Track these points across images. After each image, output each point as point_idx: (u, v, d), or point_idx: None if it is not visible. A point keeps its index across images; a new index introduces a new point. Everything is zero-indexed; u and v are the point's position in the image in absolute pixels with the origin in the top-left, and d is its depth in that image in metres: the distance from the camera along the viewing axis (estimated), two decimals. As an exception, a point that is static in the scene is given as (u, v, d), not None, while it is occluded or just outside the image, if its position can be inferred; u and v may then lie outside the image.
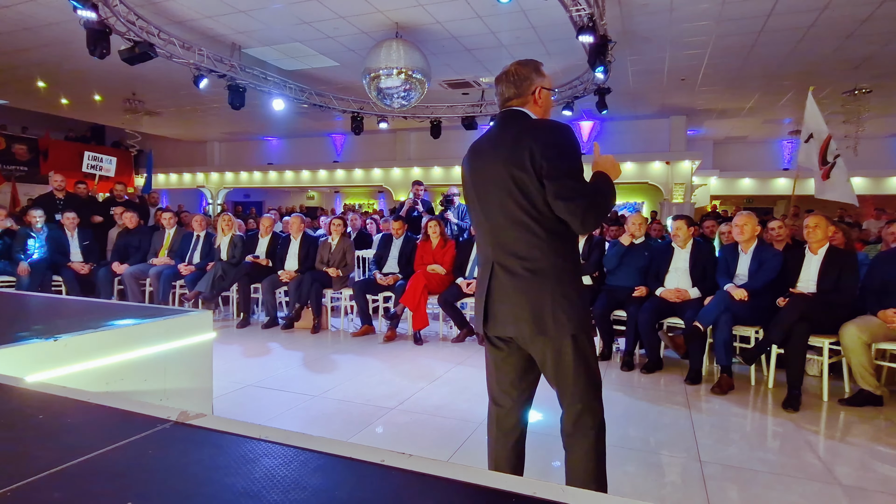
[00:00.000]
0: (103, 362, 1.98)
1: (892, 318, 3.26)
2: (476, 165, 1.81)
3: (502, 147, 1.72)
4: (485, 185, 1.76)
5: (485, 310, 1.76)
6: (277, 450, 0.97)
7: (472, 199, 1.84)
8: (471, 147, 1.88)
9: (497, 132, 1.80)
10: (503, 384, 1.84)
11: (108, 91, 10.30)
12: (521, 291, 1.69)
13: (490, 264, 1.76)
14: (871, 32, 6.50)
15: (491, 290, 1.74)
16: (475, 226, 1.89)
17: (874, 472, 2.52)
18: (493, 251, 1.75)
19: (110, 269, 5.81)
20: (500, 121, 1.82)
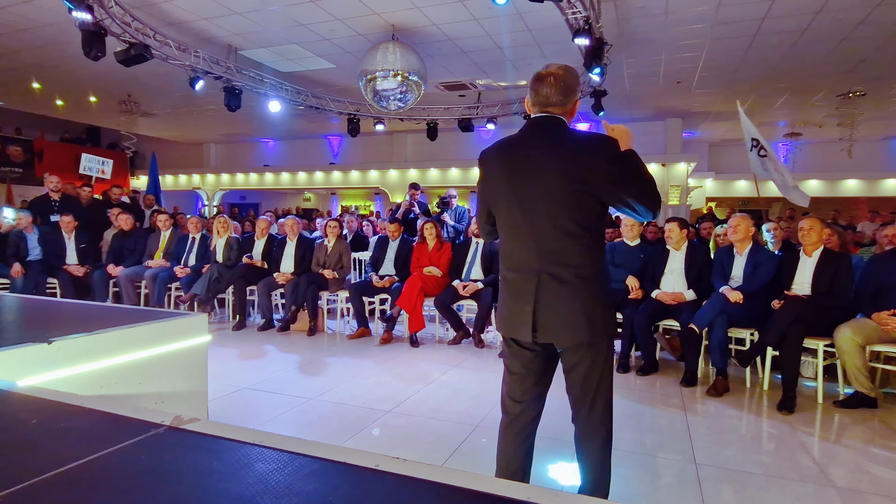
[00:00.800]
0: (98, 366, 1.97)
1: (887, 321, 3.28)
2: (519, 172, 1.76)
3: (557, 159, 1.71)
4: (532, 195, 1.73)
5: (533, 318, 1.73)
6: (271, 455, 0.97)
7: (508, 205, 1.79)
8: (503, 149, 1.83)
9: (540, 139, 1.77)
10: (526, 387, 1.85)
11: (104, 93, 10.28)
12: (573, 298, 1.71)
13: (534, 273, 1.74)
14: (864, 36, 6.55)
15: (539, 298, 1.73)
16: (510, 231, 1.81)
17: (868, 474, 2.53)
18: (538, 260, 1.74)
19: (105, 272, 5.79)
20: (542, 127, 1.79)
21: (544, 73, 1.79)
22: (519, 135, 1.84)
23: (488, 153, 1.87)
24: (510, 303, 1.81)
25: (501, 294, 1.87)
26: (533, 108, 1.82)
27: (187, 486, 0.85)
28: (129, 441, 0.99)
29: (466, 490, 0.87)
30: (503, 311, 1.84)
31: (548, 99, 1.77)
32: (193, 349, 2.40)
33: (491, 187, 1.85)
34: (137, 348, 2.11)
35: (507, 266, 1.84)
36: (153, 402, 2.12)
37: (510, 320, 1.80)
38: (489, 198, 1.86)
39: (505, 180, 1.79)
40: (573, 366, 1.79)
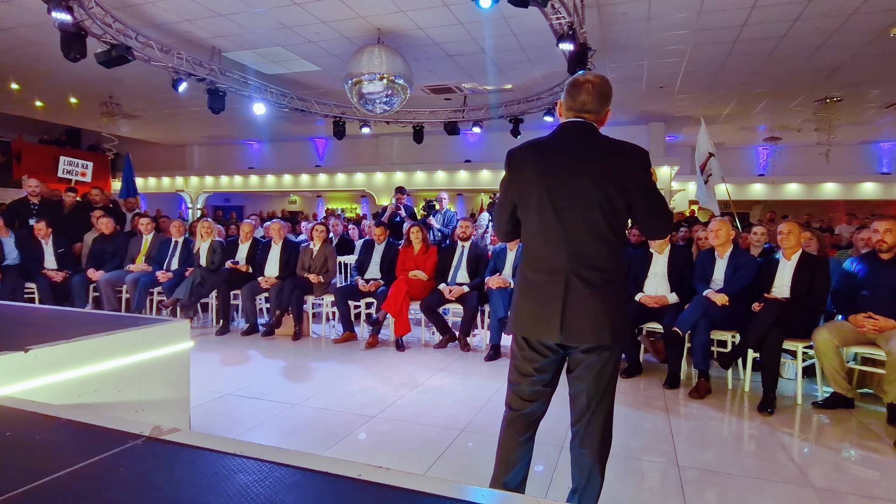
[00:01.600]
0: (76, 374, 1.94)
1: (863, 323, 3.35)
2: (556, 174, 1.78)
3: (595, 164, 1.76)
4: (569, 197, 1.76)
5: (561, 319, 1.74)
6: (252, 465, 0.96)
7: (541, 206, 1.79)
8: (537, 150, 1.84)
9: (577, 144, 1.80)
10: (536, 388, 1.87)
11: (84, 94, 10.11)
12: (600, 301, 1.74)
13: (563, 274, 1.76)
14: (840, 43, 6.71)
15: (567, 300, 1.75)
16: (540, 232, 1.81)
17: (846, 474, 2.58)
18: (568, 262, 1.76)
19: (85, 277, 5.69)
20: (576, 132, 1.82)
21: (582, 80, 1.82)
22: (552, 138, 1.85)
23: (520, 153, 1.86)
24: (534, 304, 1.80)
25: (522, 295, 1.85)
26: (567, 112, 1.85)
27: (164, 500, 0.84)
28: (106, 453, 0.98)
29: (448, 499, 0.87)
30: (524, 313, 1.83)
31: (584, 105, 1.81)
32: (175, 356, 2.37)
33: (522, 187, 1.83)
34: (117, 356, 2.07)
35: (532, 267, 1.83)
36: (133, 411, 2.08)
37: (534, 321, 1.80)
38: (518, 198, 1.85)
39: (540, 181, 1.79)
40: (587, 368, 1.81)
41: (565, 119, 1.86)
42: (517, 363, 1.89)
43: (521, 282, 1.88)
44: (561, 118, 1.89)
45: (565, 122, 1.85)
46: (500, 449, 1.92)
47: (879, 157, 13.58)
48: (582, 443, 1.87)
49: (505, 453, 1.90)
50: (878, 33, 6.35)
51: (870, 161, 13.63)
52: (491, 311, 4.66)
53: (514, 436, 1.90)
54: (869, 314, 3.34)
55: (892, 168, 13.43)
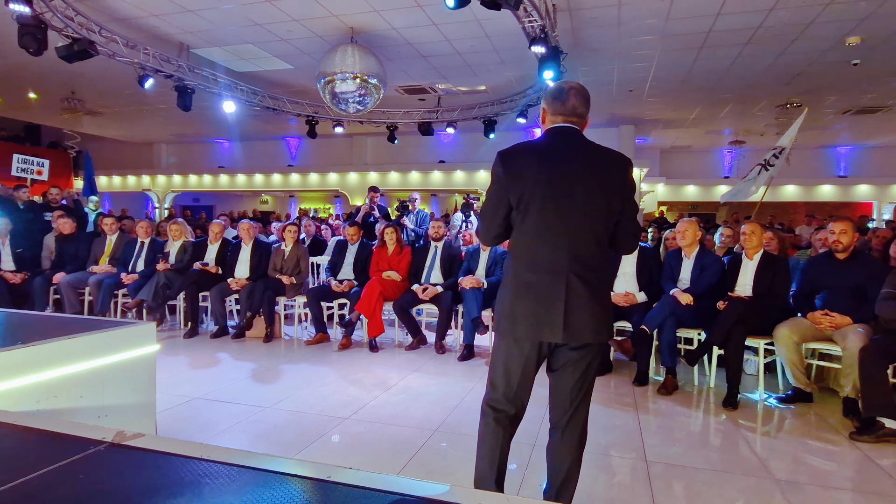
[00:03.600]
0: (34, 379, 1.87)
1: (820, 320, 3.49)
2: (561, 176, 1.79)
3: (595, 167, 1.81)
4: (571, 199, 1.78)
5: (564, 318, 1.77)
6: (219, 469, 0.94)
7: (543, 206, 1.79)
8: (536, 152, 1.85)
9: (573, 147, 1.84)
10: (524, 387, 1.91)
11: (45, 89, 9.75)
12: (596, 300, 1.80)
13: (564, 274, 1.78)
14: (799, 51, 6.97)
15: (569, 299, 1.77)
16: (540, 232, 1.80)
17: (806, 466, 2.68)
18: (569, 262, 1.78)
19: (45, 279, 5.48)
20: (568, 136, 1.85)
21: (567, 87, 1.88)
22: (547, 141, 1.87)
23: (517, 155, 1.84)
24: (534, 305, 1.79)
25: (518, 297, 1.83)
26: (555, 117, 1.88)
27: (127, 506, 0.82)
28: (66, 460, 0.95)
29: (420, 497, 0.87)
30: (522, 314, 1.81)
31: (575, 110, 1.86)
32: (140, 359, 2.31)
33: (522, 188, 1.80)
34: (78, 360, 2.01)
35: (529, 267, 1.82)
36: (96, 417, 2.02)
37: (535, 322, 1.79)
38: (517, 199, 1.81)
39: (543, 182, 1.79)
40: (574, 364, 1.86)
41: (553, 125, 1.88)
42: (510, 364, 1.88)
43: (515, 283, 1.85)
44: (545, 125, 1.92)
45: (556, 127, 1.87)
46: (491, 451, 1.91)
47: (837, 161, 14.16)
48: (563, 437, 1.91)
49: (500, 454, 1.91)
50: (834, 42, 6.63)
51: (828, 164, 14.19)
52: (465, 312, 4.68)
53: (508, 436, 1.93)
54: (826, 312, 3.48)
55: (848, 171, 14.01)
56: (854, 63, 7.34)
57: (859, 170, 13.93)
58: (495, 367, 1.93)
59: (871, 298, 3.35)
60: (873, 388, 2.98)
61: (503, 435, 1.91)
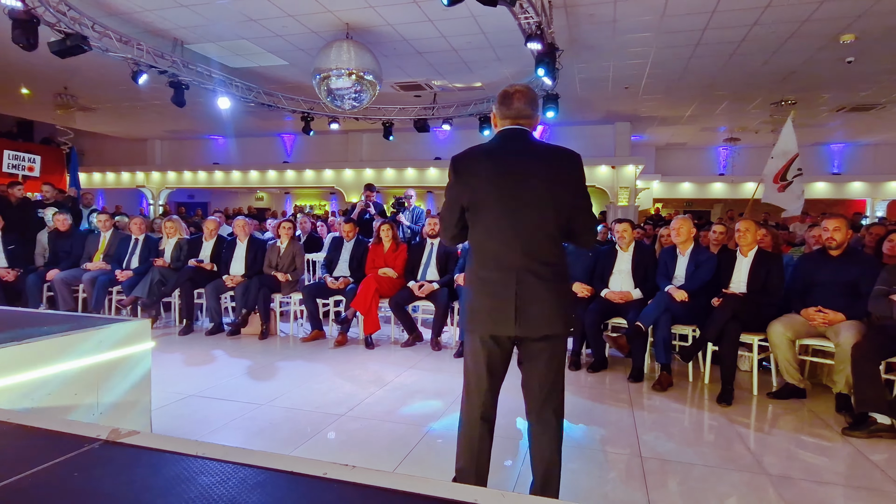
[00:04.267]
0: (28, 377, 1.86)
1: (813, 316, 3.51)
2: (507, 176, 1.88)
3: (542, 166, 1.90)
4: (520, 198, 1.87)
5: (515, 312, 1.85)
6: (215, 467, 0.94)
7: (493, 207, 1.89)
8: (485, 154, 1.94)
9: (521, 148, 1.93)
10: (495, 380, 1.98)
11: (37, 84, 9.66)
12: (551, 293, 1.88)
13: (516, 271, 1.86)
14: (794, 49, 6.99)
15: (520, 294, 1.85)
16: (492, 232, 1.90)
17: (798, 461, 2.70)
18: (521, 258, 1.86)
19: (39, 275, 5.44)
20: (516, 137, 1.95)
21: (512, 91, 1.97)
22: (496, 143, 1.97)
23: (468, 158, 1.95)
24: (490, 300, 1.89)
25: (476, 294, 1.93)
26: (503, 121, 1.98)
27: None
28: (60, 458, 0.95)
29: (415, 494, 0.87)
30: (482, 311, 1.91)
31: (520, 112, 1.95)
32: (135, 357, 2.30)
33: (474, 190, 1.91)
34: (73, 357, 2.00)
35: (485, 265, 1.91)
36: (90, 415, 2.02)
37: (491, 317, 1.88)
38: (469, 200, 1.92)
39: (492, 183, 1.89)
40: (538, 357, 1.92)
41: (503, 127, 1.98)
42: (479, 359, 1.95)
43: (474, 281, 1.95)
44: (496, 128, 2.02)
45: (505, 130, 1.97)
46: (475, 446, 1.97)
47: (831, 158, 14.22)
48: (539, 428, 1.96)
49: (484, 447, 1.98)
50: (829, 40, 6.65)
51: (822, 162, 14.24)
52: (460, 309, 4.68)
53: (484, 430, 1.98)
54: (819, 308, 3.50)
55: (842, 168, 14.08)
56: (848, 61, 7.36)
57: (853, 167, 13.99)
58: (466, 364, 2.02)
59: (864, 295, 3.38)
60: (866, 384, 3.01)
61: (488, 430, 1.99)
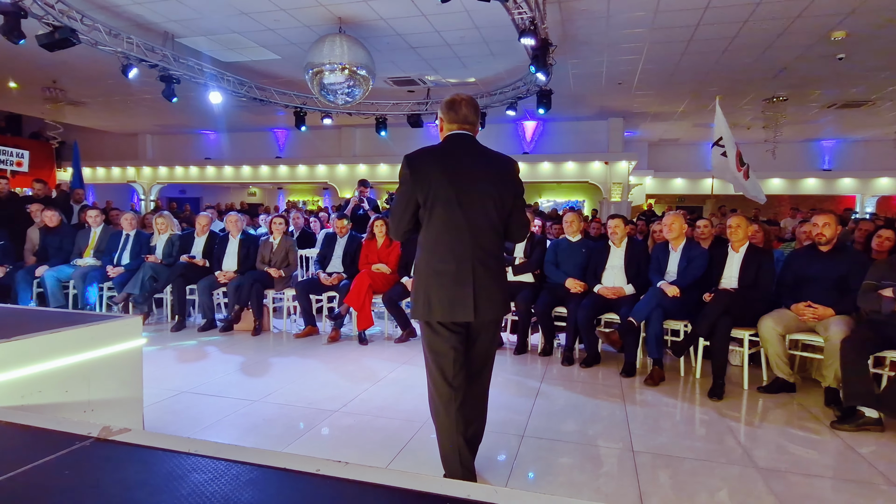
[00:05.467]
0: (18, 374, 1.84)
1: (803, 311, 3.54)
2: (460, 176, 2.09)
3: (488, 168, 2.14)
4: (470, 196, 2.09)
5: (474, 300, 2.08)
6: (207, 464, 0.94)
7: (448, 204, 2.07)
8: (439, 155, 2.13)
9: (469, 150, 2.15)
10: (458, 363, 2.14)
11: (25, 78, 9.54)
12: (496, 281, 2.15)
13: (469, 262, 2.09)
14: (786, 45, 7.03)
15: (476, 283, 2.09)
16: (447, 227, 2.08)
17: (788, 454, 2.73)
18: (472, 251, 2.09)
19: (28, 272, 5.39)
20: (464, 141, 2.16)
21: (458, 99, 2.18)
22: (447, 146, 2.16)
23: (423, 158, 2.11)
24: (448, 290, 2.08)
25: (433, 285, 2.10)
26: (451, 125, 2.17)
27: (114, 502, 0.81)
28: (51, 456, 0.94)
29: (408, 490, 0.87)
30: (437, 300, 2.09)
31: (466, 118, 2.16)
32: (126, 353, 2.28)
33: (429, 188, 2.07)
34: (63, 354, 1.99)
35: (442, 259, 2.09)
36: (81, 412, 2.00)
37: (449, 305, 2.08)
38: (425, 198, 2.08)
39: (448, 182, 2.07)
40: (482, 336, 2.22)
41: (450, 132, 2.18)
42: (439, 346, 2.14)
43: (427, 272, 2.12)
44: (443, 132, 2.21)
45: (453, 134, 2.17)
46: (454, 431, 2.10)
47: (821, 155, 14.33)
48: (475, 388, 2.24)
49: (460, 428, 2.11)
50: (820, 37, 6.69)
51: (812, 158, 14.36)
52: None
53: (458, 412, 2.11)
54: (809, 303, 3.54)
55: (832, 165, 14.20)
56: (839, 57, 7.42)
57: (843, 163, 14.12)
58: (427, 354, 2.18)
59: (853, 290, 3.41)
60: (854, 378, 3.04)
61: (459, 410, 2.12)
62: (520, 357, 4.48)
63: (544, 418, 3.11)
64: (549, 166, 12.58)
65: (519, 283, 4.71)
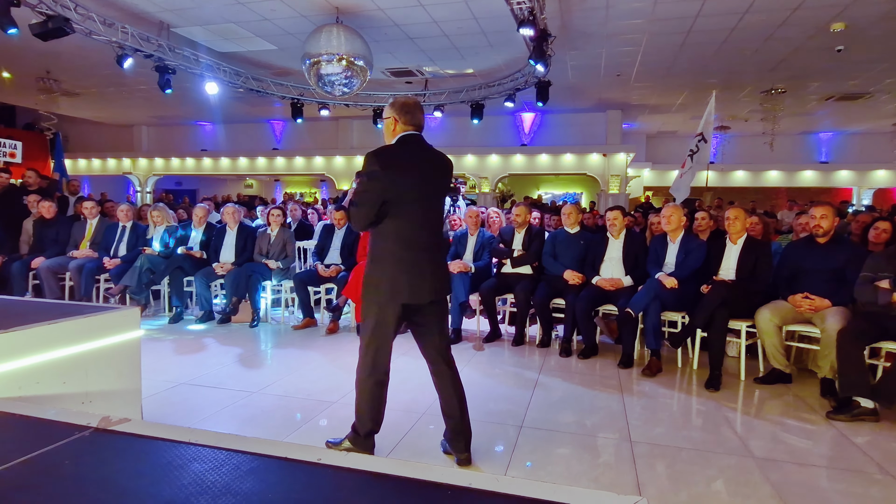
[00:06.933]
0: (16, 365, 1.84)
1: (800, 303, 3.56)
2: (424, 175, 2.31)
3: (439, 167, 2.39)
4: (429, 192, 2.34)
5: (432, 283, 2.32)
6: (208, 453, 0.94)
7: (413, 200, 2.27)
8: (406, 155, 2.30)
9: (427, 150, 2.38)
10: (392, 345, 2.39)
11: (19, 68, 9.45)
12: (445, 266, 2.48)
13: (428, 250, 2.32)
14: (785, 37, 7.00)
15: (433, 268, 2.33)
16: (413, 221, 2.28)
17: (784, 444, 2.75)
18: (430, 240, 2.33)
19: (24, 263, 5.36)
20: (423, 142, 2.38)
21: (412, 102, 2.37)
22: (407, 146, 2.33)
23: (391, 157, 2.26)
24: (409, 276, 2.28)
25: (396, 271, 2.27)
26: (407, 126, 2.35)
27: (114, 492, 0.81)
28: (51, 446, 0.94)
29: (407, 479, 0.88)
30: (401, 285, 2.27)
31: (420, 122, 2.38)
32: (124, 345, 2.28)
33: (400, 185, 2.24)
34: (61, 346, 1.98)
35: (407, 248, 2.29)
36: (80, 403, 2.00)
37: (411, 289, 2.28)
38: (394, 193, 2.23)
39: (414, 179, 2.28)
40: (436, 314, 2.40)
41: (405, 132, 2.34)
42: (386, 329, 2.32)
43: (391, 260, 2.28)
44: (396, 132, 2.35)
45: (411, 135, 2.34)
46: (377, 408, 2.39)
47: (819, 147, 14.33)
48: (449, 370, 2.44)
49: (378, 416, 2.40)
50: (819, 28, 6.66)
51: (810, 150, 14.36)
52: (452, 296, 4.69)
53: (384, 394, 2.40)
54: (806, 295, 3.55)
55: (829, 157, 14.21)
56: (838, 49, 7.39)
57: (840, 156, 14.12)
58: (374, 337, 2.33)
59: (850, 282, 3.42)
60: (850, 369, 3.06)
61: (382, 392, 2.40)
62: (518, 348, 4.49)
63: (542, 409, 3.12)
64: (546, 158, 12.55)
65: (517, 275, 4.71)
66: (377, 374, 2.36)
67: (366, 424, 2.41)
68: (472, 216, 5.16)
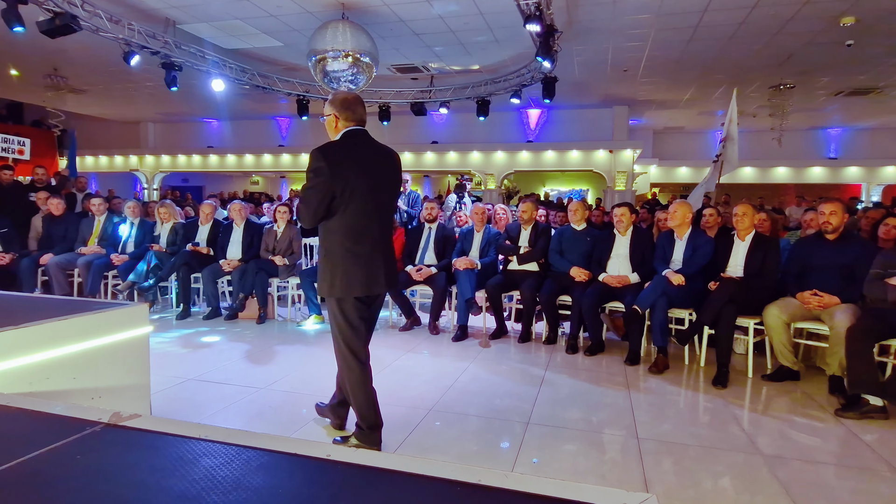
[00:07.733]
0: (26, 361, 1.85)
1: (809, 300, 3.53)
2: (371, 169, 2.37)
3: (386, 161, 2.47)
4: (379, 186, 2.40)
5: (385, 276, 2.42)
6: (218, 449, 0.94)
7: (364, 194, 2.32)
8: (352, 150, 2.35)
9: (373, 145, 2.44)
10: (368, 332, 2.52)
11: (26, 65, 9.50)
12: (392, 258, 2.52)
13: (380, 244, 2.40)
14: (794, 31, 6.93)
15: (384, 261, 2.42)
16: (364, 215, 2.34)
17: (791, 442, 2.74)
18: (380, 234, 2.41)
19: (33, 259, 5.41)
20: (364, 138, 2.42)
21: (352, 98, 2.41)
22: (353, 141, 2.38)
23: (337, 153, 2.30)
24: (364, 269, 2.35)
25: (351, 264, 2.33)
26: (348, 122, 2.40)
27: (126, 486, 0.82)
28: (62, 441, 0.94)
29: (417, 475, 0.88)
30: (356, 278, 2.34)
31: (362, 117, 2.44)
32: (133, 341, 2.29)
33: (346, 180, 2.28)
34: (71, 342, 1.99)
35: (358, 242, 2.35)
36: (89, 398, 2.02)
37: (366, 281, 2.36)
38: (343, 188, 2.28)
39: (362, 173, 2.33)
40: (377, 308, 2.57)
41: (349, 128, 2.39)
42: (353, 319, 2.40)
43: (345, 255, 2.34)
44: (338, 128, 2.40)
45: (355, 130, 2.40)
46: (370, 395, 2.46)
47: (827, 143, 14.20)
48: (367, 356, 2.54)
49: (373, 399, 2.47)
50: (829, 22, 6.59)
51: (818, 146, 14.23)
52: (458, 293, 4.69)
53: (371, 380, 2.48)
54: (815, 291, 3.52)
55: (838, 153, 14.07)
56: (848, 44, 7.31)
57: (849, 152, 13.98)
58: (339, 333, 2.43)
59: (859, 278, 3.40)
60: (859, 367, 3.04)
61: (368, 378, 2.48)
62: (524, 345, 4.48)
63: (549, 406, 3.12)
64: (552, 154, 12.50)
65: (524, 272, 4.70)
66: (360, 359, 2.45)
67: (368, 417, 2.45)
68: (479, 213, 5.16)
